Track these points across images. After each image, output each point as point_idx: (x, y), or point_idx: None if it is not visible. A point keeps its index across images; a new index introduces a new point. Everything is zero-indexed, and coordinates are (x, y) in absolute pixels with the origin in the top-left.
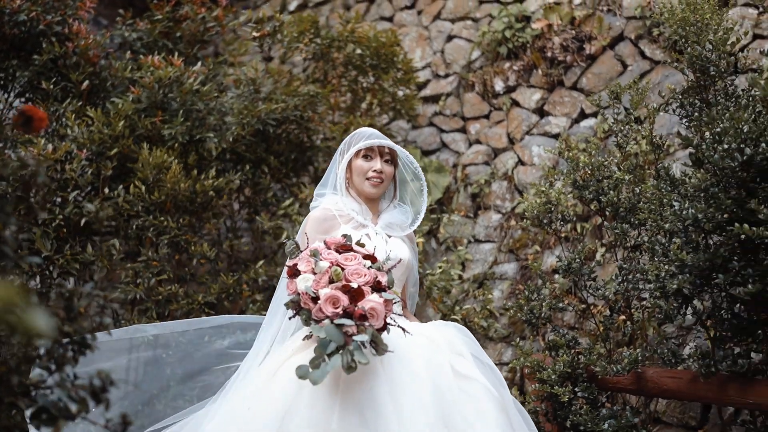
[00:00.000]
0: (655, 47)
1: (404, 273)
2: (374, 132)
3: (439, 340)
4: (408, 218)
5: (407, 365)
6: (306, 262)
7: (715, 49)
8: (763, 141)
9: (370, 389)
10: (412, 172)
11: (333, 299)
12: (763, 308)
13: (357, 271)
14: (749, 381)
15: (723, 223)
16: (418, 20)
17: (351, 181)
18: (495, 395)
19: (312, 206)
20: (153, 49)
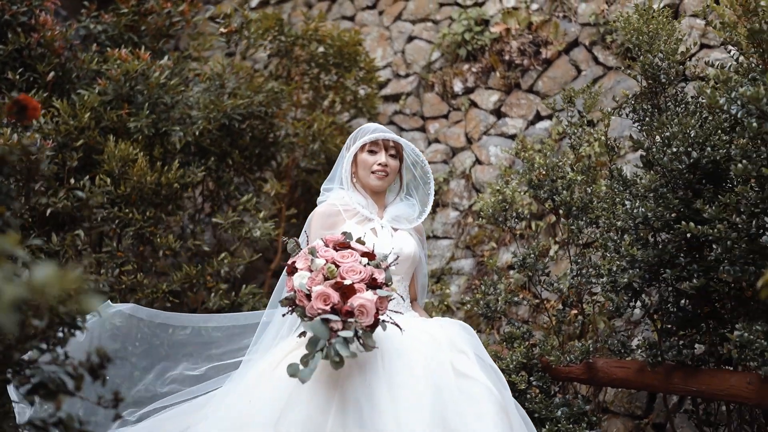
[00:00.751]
0: (608, 53)
1: (411, 266)
2: (379, 126)
3: (441, 338)
4: (415, 211)
5: (407, 362)
6: (304, 260)
7: (666, 57)
8: (709, 145)
9: (368, 385)
10: (419, 164)
11: (324, 296)
12: (707, 302)
13: (352, 269)
14: (693, 370)
15: (671, 222)
16: (380, 20)
17: (357, 175)
18: (495, 395)
19: (319, 201)
20: (118, 42)
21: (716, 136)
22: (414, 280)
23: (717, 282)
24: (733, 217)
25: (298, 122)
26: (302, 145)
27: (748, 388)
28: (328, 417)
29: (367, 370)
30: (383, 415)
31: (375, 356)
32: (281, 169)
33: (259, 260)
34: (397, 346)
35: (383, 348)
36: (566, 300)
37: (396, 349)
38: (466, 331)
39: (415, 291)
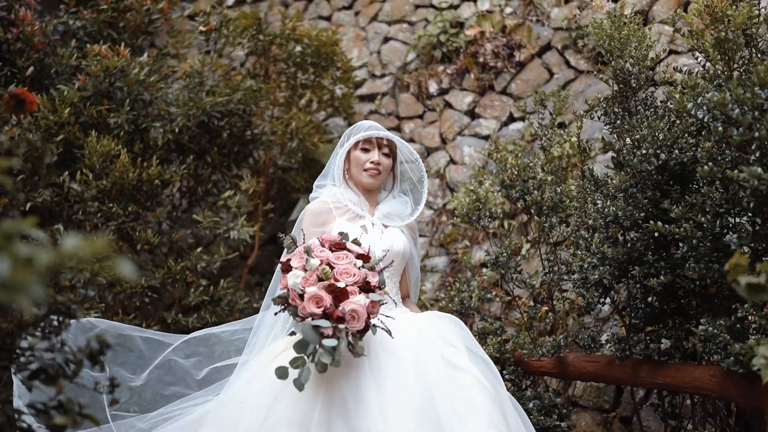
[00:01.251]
0: (580, 57)
1: (401, 263)
2: (373, 124)
3: (430, 331)
4: (407, 208)
5: (394, 357)
6: (299, 258)
7: (636, 63)
8: (677, 148)
9: (355, 380)
10: (413, 163)
11: (316, 298)
12: (673, 298)
13: (346, 271)
14: (659, 364)
15: (640, 221)
16: (356, 21)
17: (349, 173)
18: (487, 387)
19: (311, 197)
20: (97, 38)
21: (683, 139)
22: (406, 277)
23: (683, 279)
24: (698, 216)
25: (276, 120)
26: (280, 143)
27: (711, 381)
28: (314, 412)
29: (354, 365)
30: (369, 411)
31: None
32: (258, 166)
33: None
34: (384, 341)
35: (370, 344)
36: (537, 297)
37: (383, 345)
38: (456, 324)
39: (407, 287)
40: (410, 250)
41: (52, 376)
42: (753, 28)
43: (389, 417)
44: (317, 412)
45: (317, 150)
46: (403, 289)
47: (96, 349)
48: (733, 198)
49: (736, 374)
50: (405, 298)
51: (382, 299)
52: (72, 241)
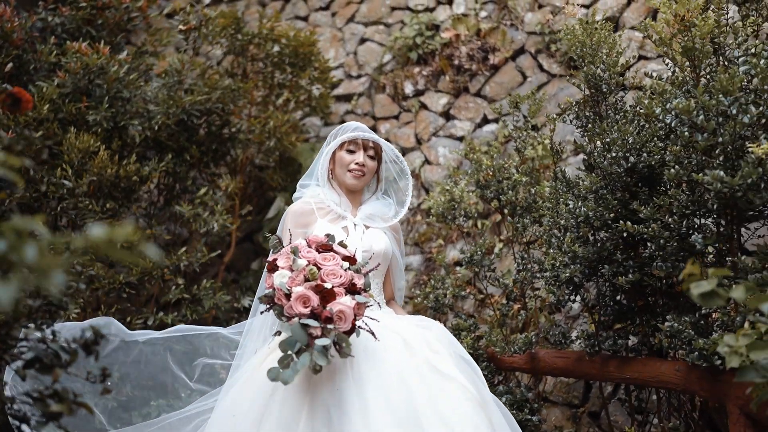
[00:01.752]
0: (552, 62)
1: (383, 264)
2: (360, 125)
3: (415, 338)
4: (391, 210)
5: (377, 365)
6: (285, 258)
7: (607, 69)
8: (645, 151)
9: (338, 389)
10: (398, 165)
11: (304, 298)
12: (641, 296)
13: (333, 272)
14: (627, 359)
15: (609, 221)
16: (332, 22)
17: (334, 173)
18: (473, 393)
19: (295, 197)
20: (76, 35)
21: (652, 143)
22: (390, 278)
23: (650, 277)
24: (665, 217)
25: (254, 120)
26: (257, 142)
27: (676, 375)
28: (299, 424)
29: (336, 374)
30: (352, 421)
31: (345, 361)
32: (236, 165)
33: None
34: (367, 348)
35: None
36: (510, 295)
37: (366, 352)
38: (441, 329)
39: (392, 289)
40: (392, 252)
41: (47, 365)
42: (720, 37)
43: (372, 426)
44: (302, 424)
45: (295, 149)
46: (388, 291)
47: (91, 340)
48: (698, 200)
49: (700, 368)
50: (390, 300)
51: (367, 301)
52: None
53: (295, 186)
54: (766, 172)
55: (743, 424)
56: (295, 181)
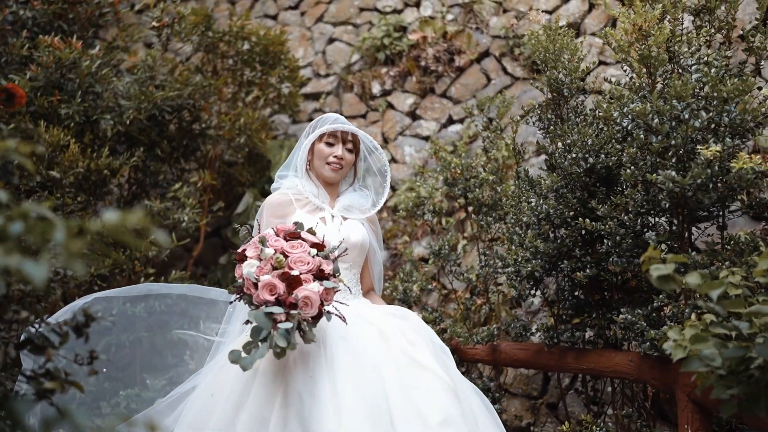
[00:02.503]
0: (516, 65)
1: (360, 254)
2: (339, 117)
3: (391, 329)
4: (367, 201)
5: (351, 354)
6: (254, 248)
7: (569, 74)
8: (603, 153)
9: (311, 377)
10: (376, 157)
11: (270, 286)
12: (597, 291)
13: (300, 259)
14: (583, 351)
15: (569, 219)
16: (301, 21)
17: (312, 164)
18: (447, 383)
19: (273, 188)
20: (47, 29)
21: (610, 145)
22: (368, 269)
23: (606, 273)
24: (622, 215)
25: (225, 116)
26: (228, 138)
27: (629, 366)
28: (273, 411)
29: (311, 363)
30: (324, 408)
31: (319, 349)
32: (205, 160)
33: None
34: (343, 337)
35: (328, 340)
36: (474, 289)
37: (341, 342)
38: (416, 318)
39: (371, 280)
40: (370, 243)
41: (40, 346)
42: (675, 45)
43: (343, 415)
44: (275, 413)
45: (264, 146)
46: (367, 282)
47: (82, 322)
48: (652, 199)
49: (652, 358)
50: (369, 291)
51: (336, 286)
52: (113, 215)
53: (263, 182)
54: (714, 173)
55: (690, 410)
56: (264, 177)
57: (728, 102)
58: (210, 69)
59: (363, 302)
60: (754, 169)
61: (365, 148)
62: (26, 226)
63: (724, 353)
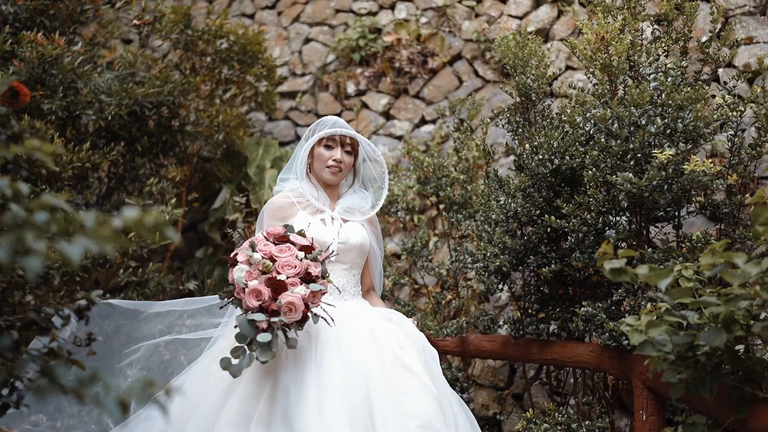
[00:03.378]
0: (487, 68)
1: (359, 256)
2: (338, 121)
3: (383, 333)
4: (367, 203)
5: (341, 354)
6: (244, 253)
7: (537, 79)
8: (568, 155)
9: (300, 372)
10: (375, 160)
11: (256, 293)
12: (561, 285)
13: (287, 263)
14: (547, 342)
15: (535, 216)
16: (278, 21)
17: (312, 167)
18: (432, 390)
19: (275, 191)
20: (29, 25)
21: (574, 148)
22: (368, 270)
23: (570, 268)
24: (584, 214)
25: (204, 113)
26: (206, 135)
27: (590, 356)
28: (258, 403)
29: (301, 359)
30: (308, 408)
31: (310, 346)
32: (183, 156)
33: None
34: (335, 335)
35: (320, 338)
36: (444, 284)
37: (333, 340)
38: (410, 325)
39: (371, 280)
40: (370, 244)
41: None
42: (635, 55)
43: (326, 416)
44: (260, 406)
45: (242, 143)
46: (367, 282)
47: (83, 306)
48: (612, 199)
49: (611, 348)
50: (370, 291)
51: (322, 289)
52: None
53: (240, 178)
54: (668, 175)
55: (645, 396)
56: (241, 173)
57: (682, 109)
58: (189, 66)
59: (361, 303)
60: (705, 172)
61: (364, 151)
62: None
63: (673, 340)
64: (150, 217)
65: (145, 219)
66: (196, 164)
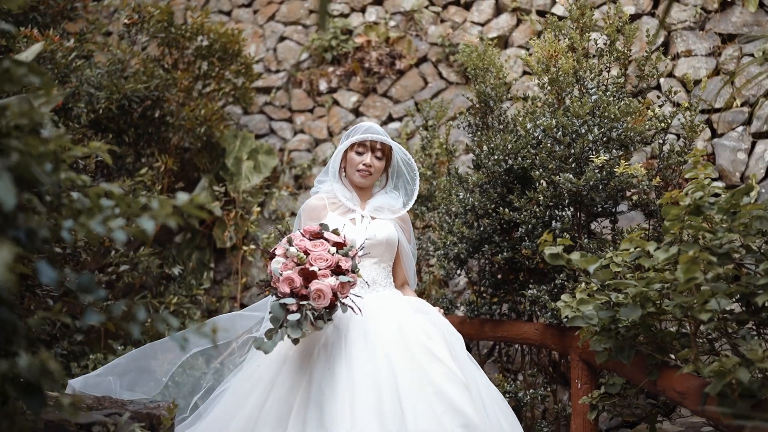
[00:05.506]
0: (451, 71)
1: (387, 250)
2: (371, 127)
3: (411, 323)
4: (398, 203)
5: (368, 346)
6: (282, 248)
7: (494, 88)
8: (520, 156)
9: (330, 369)
10: (406, 163)
11: (289, 280)
12: (512, 271)
13: (320, 257)
14: (499, 322)
15: (490, 210)
16: (254, 19)
17: (345, 171)
18: (459, 376)
19: (312, 192)
20: (24, 21)
21: (525, 150)
22: (400, 264)
23: (520, 256)
24: (534, 208)
25: (186, 107)
26: (189, 128)
27: (535, 333)
28: (295, 399)
29: (332, 357)
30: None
31: (340, 344)
32: (166, 147)
33: None
34: (362, 329)
35: (350, 334)
36: None
37: (361, 334)
38: (436, 313)
39: (404, 274)
40: (399, 239)
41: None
42: (581, 71)
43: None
44: (297, 402)
45: (221, 135)
46: (400, 276)
47: None
48: (558, 196)
49: (553, 326)
50: (404, 285)
51: (351, 281)
52: (184, 195)
53: (218, 168)
54: (603, 177)
55: (580, 367)
56: (218, 163)
57: (616, 120)
58: (170, 62)
59: (393, 294)
60: (633, 174)
61: (397, 155)
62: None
63: (599, 314)
64: (198, 199)
65: (195, 200)
66: (177, 155)
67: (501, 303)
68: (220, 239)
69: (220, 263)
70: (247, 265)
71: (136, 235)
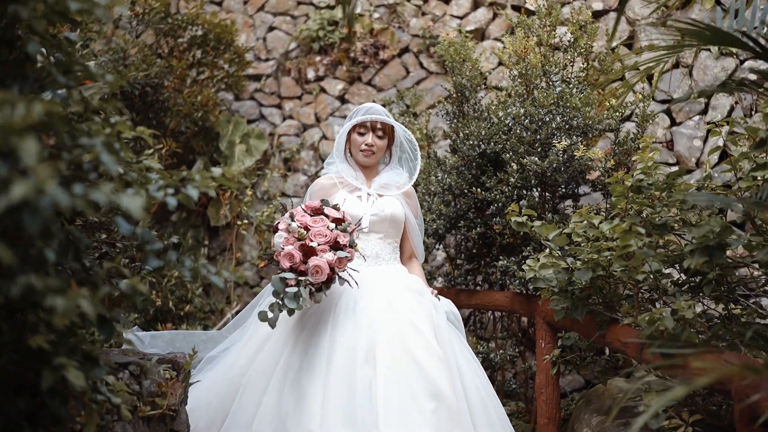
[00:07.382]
0: (431, 61)
1: (392, 226)
2: (372, 107)
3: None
4: (402, 179)
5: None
6: (284, 222)
7: (470, 80)
8: (492, 141)
9: (317, 334)
10: (408, 141)
11: (289, 256)
12: (485, 245)
13: (320, 232)
14: (473, 291)
15: (466, 189)
16: (245, 9)
17: (350, 151)
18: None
19: (322, 173)
20: None
21: (498, 136)
22: (407, 239)
23: (492, 231)
24: (504, 188)
25: (184, 94)
26: (187, 114)
27: (505, 300)
28: (281, 357)
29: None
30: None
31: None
32: (165, 131)
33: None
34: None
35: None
36: None
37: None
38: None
39: (411, 248)
40: (405, 215)
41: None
42: (548, 65)
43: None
44: (282, 360)
45: (216, 120)
46: (407, 250)
47: None
48: (525, 177)
49: (521, 294)
50: (411, 257)
51: (348, 256)
52: (219, 170)
53: (212, 151)
54: (565, 160)
55: (545, 329)
56: (213, 146)
57: (577, 110)
58: (166, 50)
59: (396, 268)
60: (590, 158)
61: (398, 134)
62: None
63: (557, 277)
64: (231, 171)
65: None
66: (173, 138)
67: (475, 274)
68: (214, 218)
69: (214, 240)
70: (240, 241)
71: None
